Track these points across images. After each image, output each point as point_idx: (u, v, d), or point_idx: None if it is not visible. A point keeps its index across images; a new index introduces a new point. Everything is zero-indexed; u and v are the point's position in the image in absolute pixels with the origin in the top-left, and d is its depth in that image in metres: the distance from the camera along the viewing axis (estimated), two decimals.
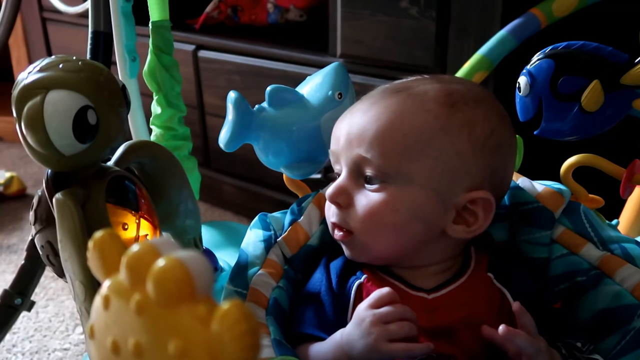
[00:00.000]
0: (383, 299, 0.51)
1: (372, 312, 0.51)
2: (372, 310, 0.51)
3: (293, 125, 0.68)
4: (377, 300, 0.52)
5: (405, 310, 0.51)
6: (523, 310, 0.51)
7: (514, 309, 0.51)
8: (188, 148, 0.88)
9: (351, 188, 0.57)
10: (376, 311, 0.51)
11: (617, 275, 0.56)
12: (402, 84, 0.60)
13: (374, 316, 0.50)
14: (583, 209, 0.61)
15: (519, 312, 0.51)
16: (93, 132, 0.51)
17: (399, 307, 0.51)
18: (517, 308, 0.51)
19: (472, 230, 0.56)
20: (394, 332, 0.49)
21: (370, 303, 0.52)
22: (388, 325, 0.50)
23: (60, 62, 0.52)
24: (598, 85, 0.63)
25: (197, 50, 1.55)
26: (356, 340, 0.51)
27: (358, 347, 0.50)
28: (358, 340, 0.50)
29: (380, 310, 0.51)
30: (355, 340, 0.51)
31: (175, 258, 0.28)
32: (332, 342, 0.53)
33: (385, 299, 0.51)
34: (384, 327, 0.50)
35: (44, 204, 0.53)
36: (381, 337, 0.49)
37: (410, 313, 0.51)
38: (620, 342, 0.52)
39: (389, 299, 0.51)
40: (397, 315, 0.50)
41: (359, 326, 0.51)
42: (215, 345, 0.27)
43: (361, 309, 0.52)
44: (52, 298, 1.32)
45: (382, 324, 0.50)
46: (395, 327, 0.50)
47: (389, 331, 0.49)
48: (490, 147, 0.56)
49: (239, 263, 0.58)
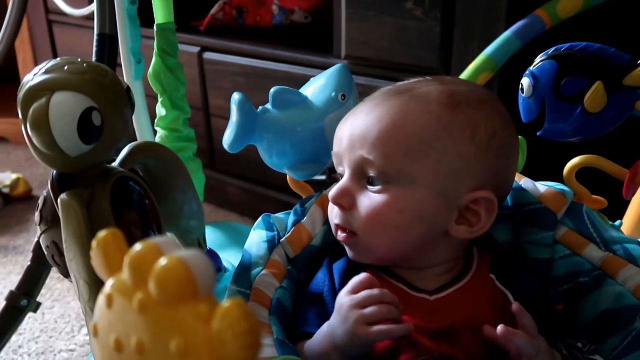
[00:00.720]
0: (361, 284, 0.52)
1: (350, 298, 0.51)
2: (350, 296, 0.51)
3: (297, 126, 0.68)
4: (355, 285, 0.52)
5: (384, 293, 0.51)
6: (522, 311, 0.51)
7: (514, 309, 0.51)
8: (192, 149, 0.89)
9: (354, 189, 0.57)
10: (354, 296, 0.51)
11: (619, 275, 0.56)
12: (404, 85, 0.60)
13: (351, 301, 0.51)
14: (586, 209, 0.61)
15: (518, 312, 0.51)
16: (98, 134, 0.51)
17: (376, 290, 0.51)
18: (516, 308, 0.52)
19: (475, 231, 0.56)
20: (371, 315, 0.50)
21: (349, 289, 0.52)
22: (365, 309, 0.50)
23: (65, 63, 0.53)
24: (601, 86, 0.63)
25: (201, 51, 1.55)
26: (337, 327, 0.51)
27: (339, 334, 0.51)
28: (338, 326, 0.51)
29: (357, 295, 0.51)
30: (336, 327, 0.51)
31: (177, 257, 0.29)
32: (319, 334, 0.53)
33: (363, 284, 0.52)
34: (361, 311, 0.50)
35: (49, 205, 0.54)
36: (358, 321, 0.49)
37: (389, 296, 0.51)
38: (622, 343, 0.52)
39: (367, 284, 0.52)
40: (374, 299, 0.50)
41: (338, 313, 0.51)
42: (216, 344, 0.27)
43: (341, 295, 0.52)
44: (57, 299, 1.32)
45: (359, 308, 0.50)
46: (372, 310, 0.50)
47: (365, 315, 0.50)
48: (492, 148, 0.56)
49: (242, 263, 0.59)
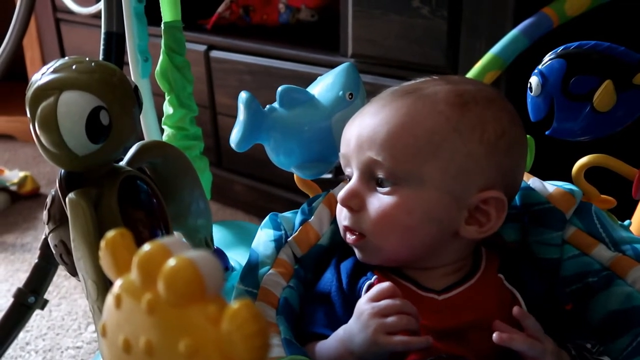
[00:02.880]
0: (383, 293, 0.51)
1: (371, 305, 0.51)
2: (371, 304, 0.51)
3: (304, 125, 0.68)
4: (377, 294, 0.52)
5: (405, 304, 0.51)
6: (524, 314, 0.51)
7: (514, 313, 0.51)
8: (200, 148, 0.89)
9: (363, 191, 0.57)
10: (375, 304, 0.51)
11: (629, 276, 0.56)
12: (411, 85, 0.60)
13: (372, 309, 0.50)
14: (594, 209, 0.61)
15: (519, 316, 0.51)
16: (106, 133, 0.51)
17: (398, 300, 0.51)
18: (517, 312, 0.51)
19: (485, 231, 0.56)
20: (392, 324, 0.50)
21: (370, 297, 0.52)
22: (386, 318, 0.50)
23: (74, 63, 0.53)
24: (610, 85, 0.63)
25: (208, 50, 1.55)
26: (356, 334, 0.51)
27: (357, 341, 0.51)
28: (357, 333, 0.51)
29: (379, 303, 0.51)
30: (355, 334, 0.51)
31: (186, 258, 0.28)
32: (335, 338, 0.53)
33: (385, 293, 0.51)
34: (382, 319, 0.50)
35: (57, 204, 0.54)
36: (379, 329, 0.49)
37: (410, 307, 0.51)
38: (632, 344, 0.52)
39: (389, 293, 0.51)
40: (396, 308, 0.50)
41: (359, 319, 0.51)
42: (225, 345, 0.27)
43: (361, 302, 0.52)
44: (65, 297, 1.33)
45: (380, 317, 0.50)
46: (394, 320, 0.50)
47: (386, 324, 0.50)
48: (501, 148, 0.56)
49: (249, 263, 0.59)
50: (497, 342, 0.48)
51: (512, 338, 0.48)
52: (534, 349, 0.48)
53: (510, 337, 0.48)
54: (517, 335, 0.49)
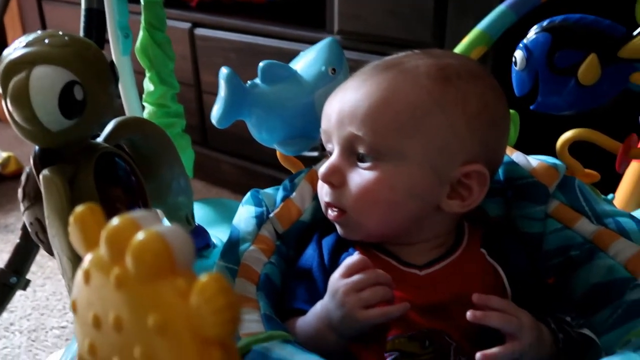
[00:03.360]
0: (354, 267, 0.51)
1: (344, 282, 0.50)
2: (343, 280, 0.50)
3: (286, 101, 0.67)
4: (348, 268, 0.51)
5: (378, 274, 0.50)
6: (485, 298, 0.49)
7: (474, 300, 0.49)
8: (181, 125, 0.88)
9: (344, 167, 0.56)
10: (347, 280, 0.50)
11: (610, 249, 0.55)
12: (393, 59, 0.59)
13: (346, 286, 0.50)
14: (578, 183, 0.60)
15: (479, 302, 0.49)
16: (80, 108, 0.50)
17: (370, 272, 0.50)
18: (476, 299, 0.49)
19: (467, 205, 0.56)
20: (368, 298, 0.49)
21: (342, 272, 0.51)
22: (361, 292, 0.49)
23: (47, 37, 0.51)
24: (595, 58, 0.62)
25: (193, 28, 1.53)
26: (333, 311, 0.50)
27: (336, 318, 0.50)
28: (334, 311, 0.50)
29: (352, 279, 0.50)
30: (332, 311, 0.51)
31: (155, 231, 0.28)
32: (313, 314, 0.53)
33: (356, 266, 0.51)
34: (357, 295, 0.49)
35: (31, 181, 0.53)
36: (355, 305, 0.49)
37: (384, 277, 0.50)
38: (612, 316, 0.52)
39: (360, 266, 0.51)
40: (369, 281, 0.50)
41: (334, 297, 0.51)
42: (194, 319, 0.26)
43: (334, 279, 0.52)
44: (49, 277, 1.32)
45: (355, 293, 0.49)
46: (369, 294, 0.49)
47: (362, 299, 0.49)
48: (484, 122, 0.55)
49: (230, 239, 0.58)
50: (471, 320, 0.48)
51: (487, 315, 0.48)
52: (510, 323, 0.48)
53: (485, 315, 0.48)
54: (491, 312, 0.48)
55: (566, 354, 0.50)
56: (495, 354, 0.47)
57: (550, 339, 0.50)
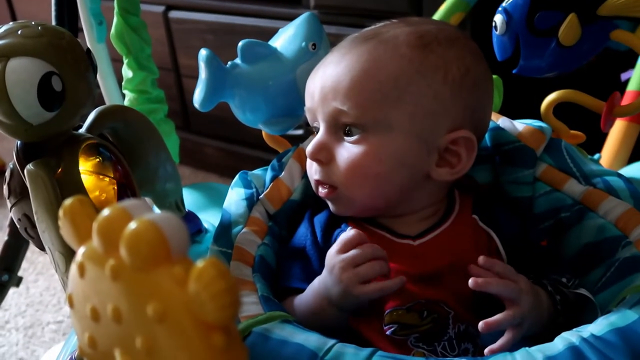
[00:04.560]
0: (350, 242, 0.51)
1: (340, 258, 0.50)
2: (340, 256, 0.51)
3: (268, 79, 0.66)
4: (344, 244, 0.51)
5: (374, 249, 0.50)
6: (490, 261, 0.50)
7: (480, 262, 0.50)
8: (164, 111, 0.87)
9: (331, 143, 0.56)
10: (344, 256, 0.50)
11: (600, 208, 0.56)
12: (371, 30, 0.58)
13: (343, 262, 0.50)
14: (564, 145, 0.61)
15: (486, 264, 0.50)
16: (59, 99, 0.49)
17: (367, 247, 0.50)
18: (482, 261, 0.50)
19: (457, 172, 0.56)
20: (365, 274, 0.49)
21: (338, 248, 0.51)
22: (358, 268, 0.50)
23: (19, 28, 0.50)
24: (574, 18, 0.62)
25: (167, 10, 1.50)
26: (331, 288, 0.51)
27: (334, 294, 0.50)
28: (332, 287, 0.50)
29: (348, 255, 0.50)
30: (330, 288, 0.51)
31: (148, 220, 0.27)
32: (311, 290, 0.53)
33: (352, 241, 0.51)
34: (354, 271, 0.49)
35: (16, 177, 0.52)
36: (353, 281, 0.49)
37: (379, 251, 0.51)
38: (605, 274, 0.53)
39: (356, 241, 0.51)
40: (365, 256, 0.50)
41: (331, 273, 0.51)
42: (194, 305, 0.26)
43: (330, 255, 0.52)
44: (41, 272, 1.31)
45: (352, 268, 0.50)
46: (365, 269, 0.49)
47: (359, 274, 0.49)
48: (467, 86, 0.55)
49: (222, 223, 0.58)
50: (473, 287, 0.48)
51: (488, 282, 0.48)
52: (509, 290, 0.48)
53: (486, 282, 0.48)
54: (492, 279, 0.49)
55: (564, 315, 0.51)
56: (498, 321, 0.47)
57: (548, 301, 0.51)
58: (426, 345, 0.51)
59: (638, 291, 0.47)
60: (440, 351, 0.51)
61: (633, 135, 0.93)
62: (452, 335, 0.51)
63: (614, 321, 0.43)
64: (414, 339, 0.51)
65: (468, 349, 0.51)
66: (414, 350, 0.51)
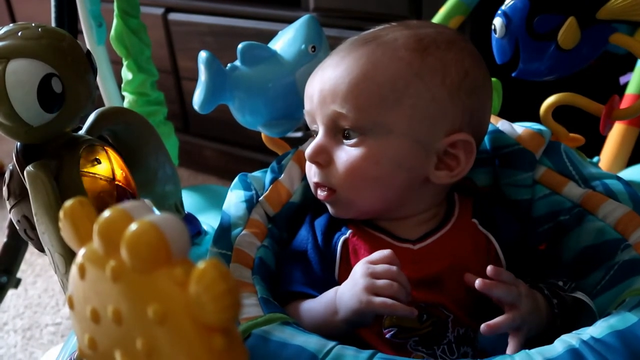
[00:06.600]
0: (382, 258, 0.50)
1: (366, 266, 0.50)
2: (367, 265, 0.50)
3: (268, 82, 0.67)
4: (377, 257, 0.51)
5: (400, 274, 0.50)
6: (498, 271, 0.50)
7: (489, 273, 0.50)
8: (163, 113, 0.87)
9: (330, 146, 0.56)
10: (371, 265, 0.50)
11: (599, 211, 0.56)
12: (370, 34, 0.58)
13: (367, 269, 0.50)
14: (564, 147, 0.61)
15: (494, 275, 0.49)
16: (59, 101, 0.49)
17: (395, 269, 0.50)
18: (491, 272, 0.50)
19: (455, 175, 0.56)
20: (381, 287, 0.49)
21: (369, 259, 0.51)
22: (377, 280, 0.49)
23: (19, 29, 0.50)
24: (574, 21, 0.62)
25: (166, 12, 1.51)
26: (346, 291, 0.50)
27: (346, 297, 0.50)
28: (348, 290, 0.50)
29: (375, 266, 0.50)
30: (346, 290, 0.50)
31: (148, 221, 0.27)
32: (325, 297, 0.53)
33: (384, 258, 0.50)
34: (373, 280, 0.49)
35: (16, 178, 0.52)
36: (367, 287, 0.49)
37: (403, 279, 0.49)
38: (605, 277, 0.53)
39: (387, 260, 0.50)
40: (389, 274, 0.49)
41: (352, 277, 0.51)
42: (194, 307, 0.26)
43: (360, 262, 0.51)
44: (39, 274, 1.31)
45: (372, 277, 0.49)
46: (384, 283, 0.49)
47: (375, 285, 0.49)
48: (465, 89, 0.55)
49: (221, 225, 0.58)
50: (480, 289, 0.48)
51: (494, 285, 0.49)
52: (511, 294, 0.49)
53: (493, 284, 0.49)
54: (497, 282, 0.49)
55: (562, 318, 0.51)
56: (499, 323, 0.47)
57: (545, 305, 0.51)
58: (425, 349, 0.51)
59: (638, 294, 0.47)
60: (439, 355, 0.51)
61: (632, 138, 0.94)
62: (452, 339, 0.51)
63: (614, 324, 0.43)
64: (414, 343, 0.51)
65: (467, 353, 0.51)
66: (413, 354, 0.51)
